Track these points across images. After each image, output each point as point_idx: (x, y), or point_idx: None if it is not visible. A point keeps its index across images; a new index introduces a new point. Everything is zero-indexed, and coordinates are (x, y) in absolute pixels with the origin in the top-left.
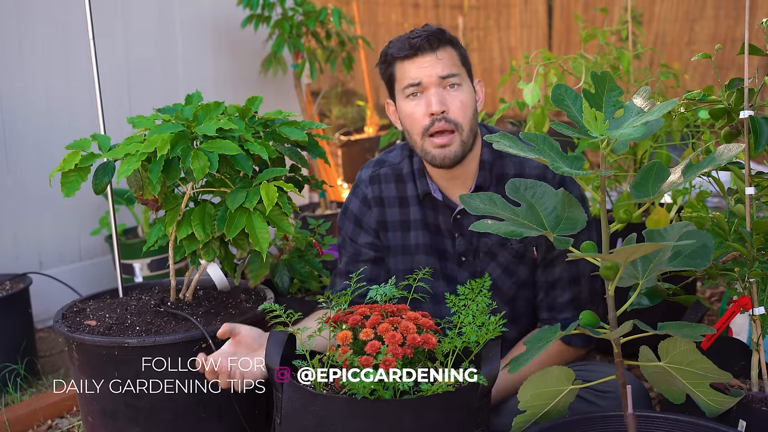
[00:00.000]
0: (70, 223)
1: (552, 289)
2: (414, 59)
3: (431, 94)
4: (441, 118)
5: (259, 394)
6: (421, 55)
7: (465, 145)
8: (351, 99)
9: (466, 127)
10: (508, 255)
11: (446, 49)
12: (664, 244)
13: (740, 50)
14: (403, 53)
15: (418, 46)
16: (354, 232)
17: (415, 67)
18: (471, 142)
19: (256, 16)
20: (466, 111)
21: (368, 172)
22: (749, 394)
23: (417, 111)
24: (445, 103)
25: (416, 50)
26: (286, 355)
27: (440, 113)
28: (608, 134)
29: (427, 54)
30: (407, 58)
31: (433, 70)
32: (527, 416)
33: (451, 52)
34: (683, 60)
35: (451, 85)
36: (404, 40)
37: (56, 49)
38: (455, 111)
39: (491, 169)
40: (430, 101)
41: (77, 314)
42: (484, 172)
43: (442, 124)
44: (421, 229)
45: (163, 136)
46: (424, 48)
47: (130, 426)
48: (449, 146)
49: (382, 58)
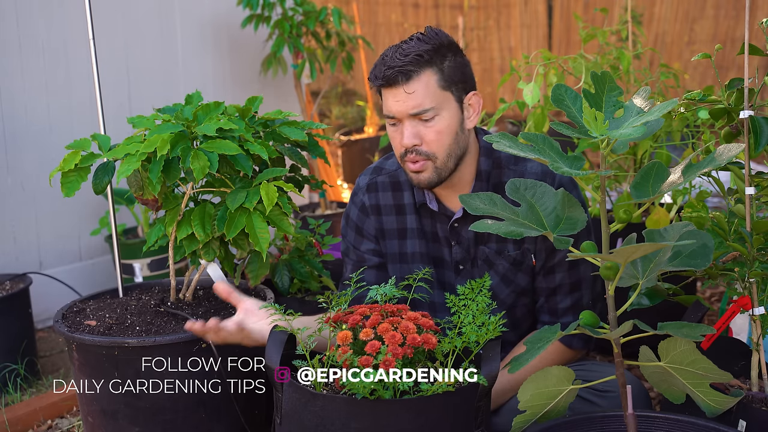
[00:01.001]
0: (70, 223)
1: (553, 295)
2: (389, 89)
3: (405, 127)
4: (413, 150)
5: (260, 394)
6: (395, 86)
7: (440, 171)
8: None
9: (442, 155)
10: (506, 263)
11: (422, 76)
12: (664, 244)
13: (740, 50)
14: (378, 83)
15: (390, 78)
16: (356, 239)
17: (391, 98)
18: (452, 164)
19: (256, 16)
20: (442, 140)
21: (366, 179)
22: (749, 394)
23: (395, 138)
24: (418, 135)
25: (389, 82)
26: (286, 355)
27: (412, 146)
28: (608, 134)
29: (399, 86)
30: (383, 87)
31: (405, 106)
32: (527, 416)
33: (429, 78)
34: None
35: (426, 119)
36: (380, 67)
37: (56, 49)
38: (429, 142)
39: (488, 178)
40: (403, 134)
41: (77, 314)
42: (481, 182)
43: (413, 156)
44: (418, 238)
45: (163, 136)
46: (396, 81)
47: (130, 426)
48: (422, 173)
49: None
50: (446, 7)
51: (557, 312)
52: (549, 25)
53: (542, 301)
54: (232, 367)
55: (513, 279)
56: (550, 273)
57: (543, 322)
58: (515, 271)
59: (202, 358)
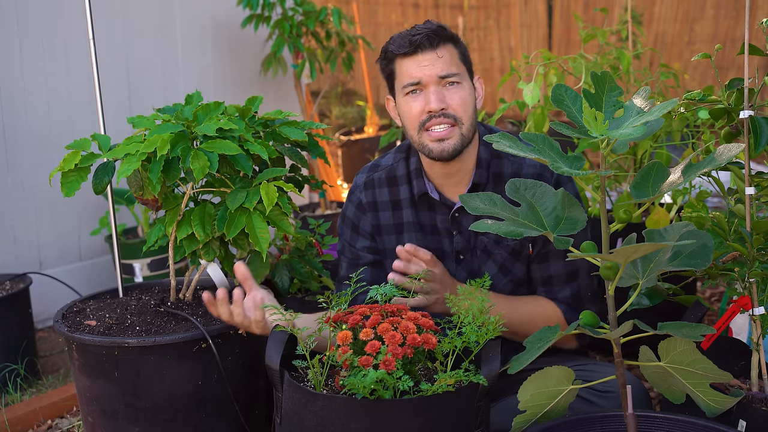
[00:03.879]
0: (70, 223)
1: (549, 284)
2: (414, 57)
3: (430, 92)
4: (440, 114)
5: (259, 394)
6: (421, 52)
7: (464, 139)
8: (351, 99)
9: (467, 122)
10: (504, 253)
11: (447, 46)
12: (664, 244)
13: (740, 50)
14: (403, 50)
15: (418, 44)
16: (352, 237)
17: (415, 65)
18: (470, 136)
19: (256, 16)
20: (466, 107)
21: (363, 177)
22: (749, 394)
23: (415, 107)
24: (444, 100)
25: (416, 48)
26: (286, 355)
27: (439, 111)
28: (608, 134)
29: (427, 52)
30: (407, 55)
31: (433, 69)
32: (527, 416)
33: (452, 49)
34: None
35: (451, 83)
36: (405, 37)
37: (56, 48)
38: (455, 106)
39: (488, 167)
40: (429, 99)
41: (77, 314)
42: (482, 170)
43: (440, 119)
44: (415, 231)
45: (163, 136)
46: (425, 46)
47: (130, 426)
48: (448, 139)
49: (382, 54)
50: (446, 7)
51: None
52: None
53: (541, 291)
54: (232, 366)
55: (511, 269)
56: (544, 260)
57: None
58: (513, 261)
59: (202, 358)
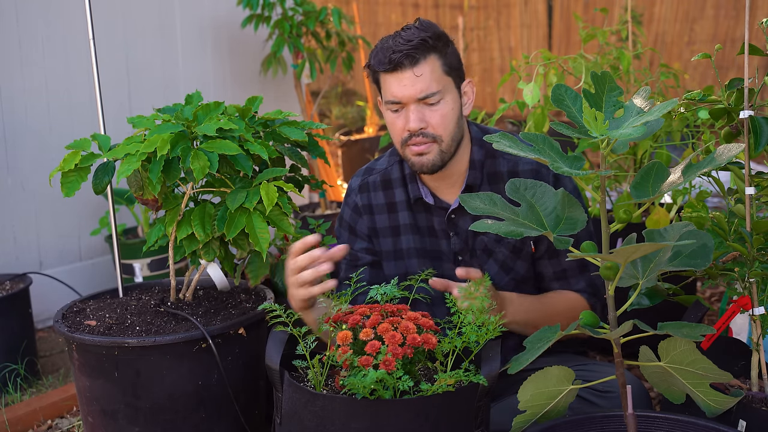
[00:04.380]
0: (70, 223)
1: (564, 278)
2: (394, 74)
3: (410, 111)
4: (419, 133)
5: (259, 394)
6: (401, 71)
7: (444, 155)
8: (351, 99)
9: (447, 138)
10: (505, 251)
11: (428, 61)
12: (664, 244)
13: (740, 50)
14: (383, 68)
15: (396, 62)
16: (350, 239)
17: (396, 83)
18: (453, 149)
19: (256, 16)
20: (447, 124)
21: (358, 180)
22: (749, 394)
23: (397, 124)
24: (423, 119)
25: (395, 66)
26: (286, 355)
27: (418, 130)
28: (608, 134)
29: (406, 70)
30: (387, 72)
31: (412, 90)
32: (527, 416)
33: (434, 62)
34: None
35: (431, 103)
36: (386, 52)
37: (56, 48)
38: (435, 125)
39: (482, 168)
40: (408, 118)
41: (77, 314)
42: (475, 172)
43: (419, 138)
44: (412, 234)
45: (163, 136)
46: (403, 64)
47: (130, 426)
48: (426, 155)
49: (367, 64)
50: (446, 7)
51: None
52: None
53: (556, 286)
54: (232, 366)
55: (512, 266)
56: (554, 256)
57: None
58: (515, 259)
59: (202, 358)
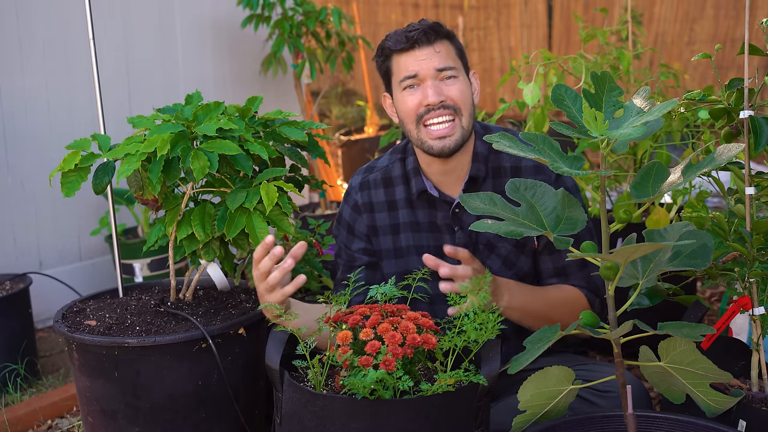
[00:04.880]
0: (70, 223)
1: (564, 275)
2: (411, 52)
3: (428, 86)
4: (439, 106)
5: (259, 394)
6: (418, 48)
7: (465, 132)
8: (351, 99)
9: (466, 113)
10: (509, 246)
11: (443, 42)
12: (664, 244)
13: (740, 50)
14: (400, 46)
15: (415, 39)
16: (348, 239)
17: (412, 59)
18: (470, 129)
19: (256, 16)
20: (465, 99)
21: (358, 179)
22: (749, 394)
23: (412, 101)
24: (442, 92)
25: (413, 43)
26: (286, 355)
27: (438, 103)
28: (608, 134)
29: (424, 47)
30: (404, 51)
31: (431, 63)
32: (527, 416)
33: (448, 45)
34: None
35: (448, 77)
36: (401, 34)
37: (56, 48)
38: (454, 98)
39: (486, 161)
40: (426, 93)
41: (77, 314)
42: (478, 164)
43: (439, 111)
44: (411, 231)
45: (163, 136)
46: (421, 41)
47: (130, 426)
48: (450, 137)
49: (378, 51)
50: (446, 7)
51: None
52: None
53: (554, 281)
54: (232, 366)
55: (515, 262)
56: (555, 252)
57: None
58: (518, 254)
59: (202, 358)
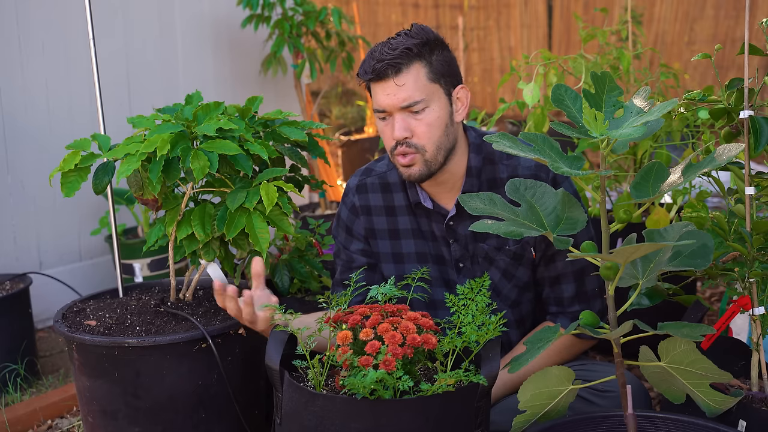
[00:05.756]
0: (70, 223)
1: (557, 283)
2: (379, 83)
3: (396, 120)
4: (404, 143)
5: (259, 394)
6: (385, 80)
7: (430, 164)
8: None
9: (431, 148)
10: (507, 258)
11: (411, 70)
12: (664, 244)
13: (740, 50)
14: (368, 77)
15: (380, 71)
16: (346, 239)
17: (381, 92)
18: (441, 157)
19: (256, 16)
20: (432, 133)
21: (355, 180)
22: (749, 394)
23: (386, 132)
24: (409, 128)
25: (378, 75)
26: (286, 355)
27: (403, 139)
28: (608, 134)
29: (389, 79)
30: (373, 81)
31: (395, 99)
32: (527, 416)
33: (418, 70)
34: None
35: (416, 111)
36: (370, 62)
37: (56, 48)
38: (419, 135)
39: (479, 175)
40: (393, 127)
41: (77, 314)
42: (472, 179)
43: (404, 148)
44: (414, 238)
45: (163, 136)
46: (386, 74)
47: (130, 426)
48: (412, 166)
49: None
50: (446, 7)
51: (563, 301)
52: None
53: (547, 291)
54: (232, 366)
55: (514, 273)
56: (551, 262)
57: (550, 313)
58: (516, 265)
59: (202, 358)
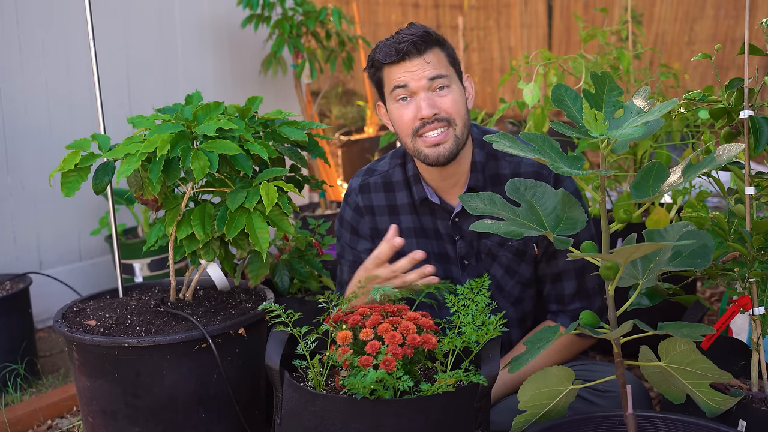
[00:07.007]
0: (70, 223)
1: (558, 280)
2: (401, 64)
3: (421, 98)
4: (433, 120)
5: (259, 394)
6: (409, 59)
7: (459, 141)
8: (351, 99)
9: (460, 123)
10: (509, 254)
11: (433, 50)
12: (664, 244)
13: (740, 50)
14: (390, 59)
15: (405, 51)
16: (352, 239)
17: (403, 70)
18: (465, 137)
19: (256, 16)
20: (458, 108)
21: (358, 180)
22: (749, 394)
23: (407, 115)
24: (435, 105)
25: (403, 55)
26: (286, 355)
27: (432, 116)
28: (608, 134)
29: (414, 58)
30: (394, 63)
31: (422, 73)
32: (527, 416)
33: (439, 53)
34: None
35: (440, 87)
36: (391, 45)
37: (56, 49)
38: (447, 109)
39: (483, 170)
40: (420, 105)
41: (77, 314)
42: (476, 174)
43: (434, 124)
44: (416, 237)
45: (163, 136)
46: (411, 53)
47: (130, 426)
48: (444, 143)
49: (369, 62)
50: (446, 7)
51: (564, 299)
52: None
53: (548, 288)
54: (232, 366)
55: (516, 269)
56: (552, 258)
57: (551, 312)
58: (519, 262)
59: (202, 358)
